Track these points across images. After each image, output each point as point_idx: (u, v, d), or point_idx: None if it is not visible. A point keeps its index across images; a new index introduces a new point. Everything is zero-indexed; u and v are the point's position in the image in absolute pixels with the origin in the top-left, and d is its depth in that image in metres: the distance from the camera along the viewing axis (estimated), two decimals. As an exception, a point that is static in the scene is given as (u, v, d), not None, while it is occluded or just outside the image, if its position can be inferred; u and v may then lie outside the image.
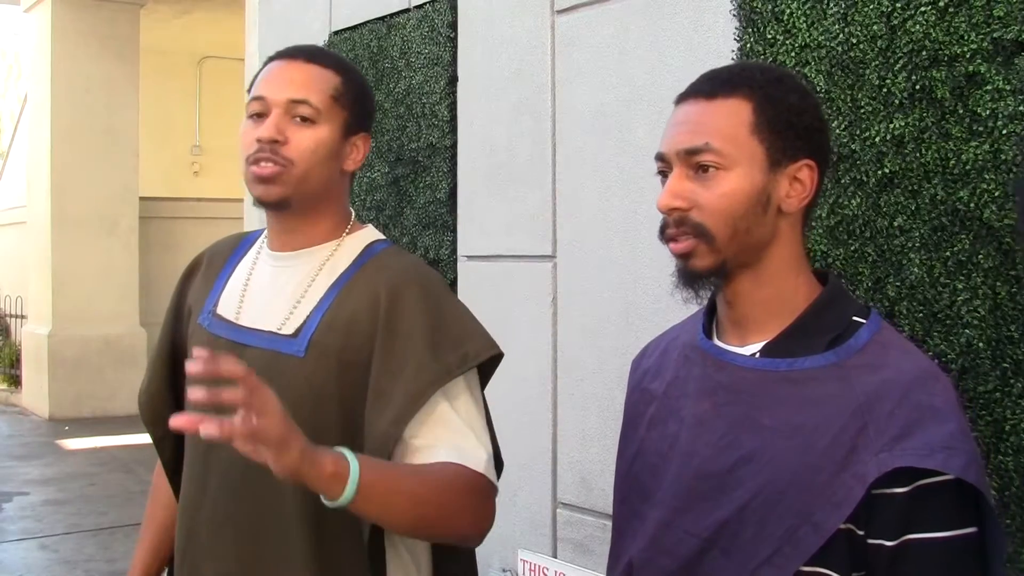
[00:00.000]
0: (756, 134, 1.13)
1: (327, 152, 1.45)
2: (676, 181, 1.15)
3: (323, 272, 1.47)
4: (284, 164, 1.41)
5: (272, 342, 1.44)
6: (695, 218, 1.14)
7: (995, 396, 1.82)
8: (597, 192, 2.74)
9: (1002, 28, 1.81)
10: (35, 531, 5.43)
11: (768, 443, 1.10)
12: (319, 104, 1.43)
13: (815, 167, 1.16)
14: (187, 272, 1.66)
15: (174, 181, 11.89)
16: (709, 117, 1.14)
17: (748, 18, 2.29)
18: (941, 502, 1.04)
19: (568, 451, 2.84)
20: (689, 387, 1.21)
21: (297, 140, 1.42)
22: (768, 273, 1.17)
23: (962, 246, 1.88)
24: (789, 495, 1.07)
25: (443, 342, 1.39)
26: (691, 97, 1.18)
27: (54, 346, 8.80)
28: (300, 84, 1.43)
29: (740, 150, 1.13)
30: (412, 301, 1.41)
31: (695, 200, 1.14)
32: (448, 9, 3.33)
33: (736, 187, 1.13)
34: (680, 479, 1.16)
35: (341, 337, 1.41)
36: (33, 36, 9.27)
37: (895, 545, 1.04)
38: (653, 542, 1.18)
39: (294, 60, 1.47)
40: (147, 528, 1.73)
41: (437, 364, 1.37)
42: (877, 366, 1.09)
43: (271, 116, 1.42)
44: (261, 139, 1.41)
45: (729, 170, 1.13)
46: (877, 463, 1.03)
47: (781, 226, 1.16)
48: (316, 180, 1.44)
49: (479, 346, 1.41)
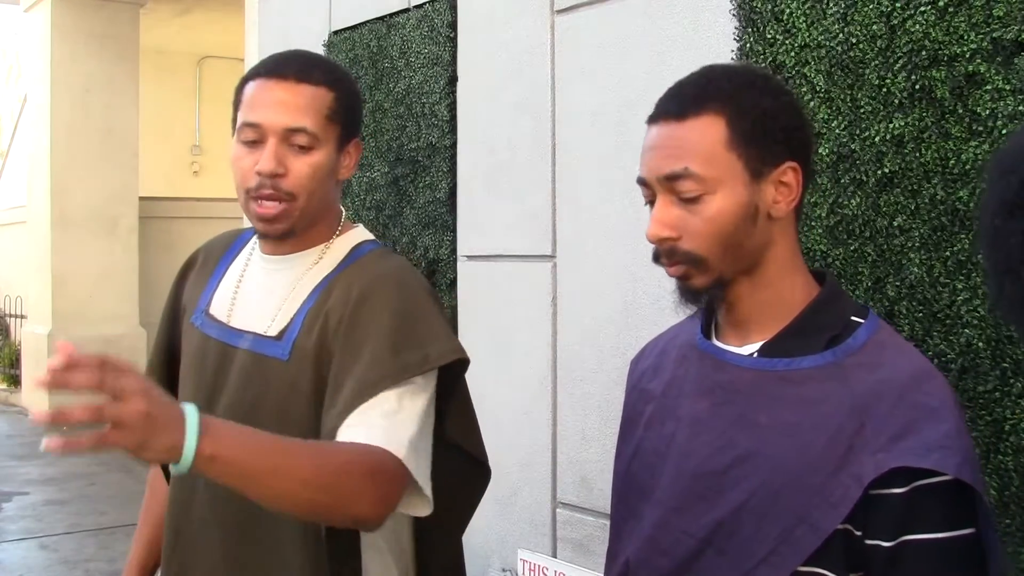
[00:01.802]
0: (733, 149, 1.12)
1: (325, 173, 1.43)
2: (662, 209, 1.14)
3: (309, 274, 1.46)
4: (287, 199, 1.39)
5: (258, 344, 1.44)
6: (684, 247, 1.13)
7: (995, 396, 1.82)
8: (597, 192, 2.74)
9: (1002, 28, 1.81)
10: (35, 531, 5.43)
11: (765, 443, 1.10)
12: (316, 130, 1.40)
13: (799, 167, 1.15)
14: (182, 270, 1.65)
15: (174, 181, 11.89)
16: (683, 140, 1.13)
17: (748, 18, 2.29)
18: (939, 503, 1.03)
19: (568, 451, 2.84)
20: (687, 387, 1.21)
21: (296, 170, 1.39)
22: (765, 276, 1.17)
23: (962, 246, 1.88)
24: (786, 495, 1.07)
25: (405, 341, 1.35)
26: (662, 119, 1.16)
27: (54, 346, 8.77)
28: (296, 110, 1.39)
29: (720, 169, 1.11)
30: (381, 300, 1.38)
31: (683, 227, 1.13)
32: (448, 9, 3.33)
33: (722, 207, 1.12)
34: (677, 479, 1.16)
35: (316, 337, 1.39)
36: (33, 36, 9.27)
37: (893, 546, 1.04)
38: (650, 542, 1.18)
39: (284, 80, 1.41)
40: (143, 524, 1.72)
41: (395, 361, 1.32)
42: (874, 366, 1.09)
43: (269, 146, 1.38)
44: (262, 172, 1.38)
45: (713, 192, 1.12)
46: (875, 463, 1.04)
47: (773, 231, 1.16)
48: (316, 202, 1.43)
49: (443, 349, 1.36)
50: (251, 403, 1.41)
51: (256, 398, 1.41)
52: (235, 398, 1.43)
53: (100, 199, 8.89)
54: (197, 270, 1.62)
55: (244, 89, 1.45)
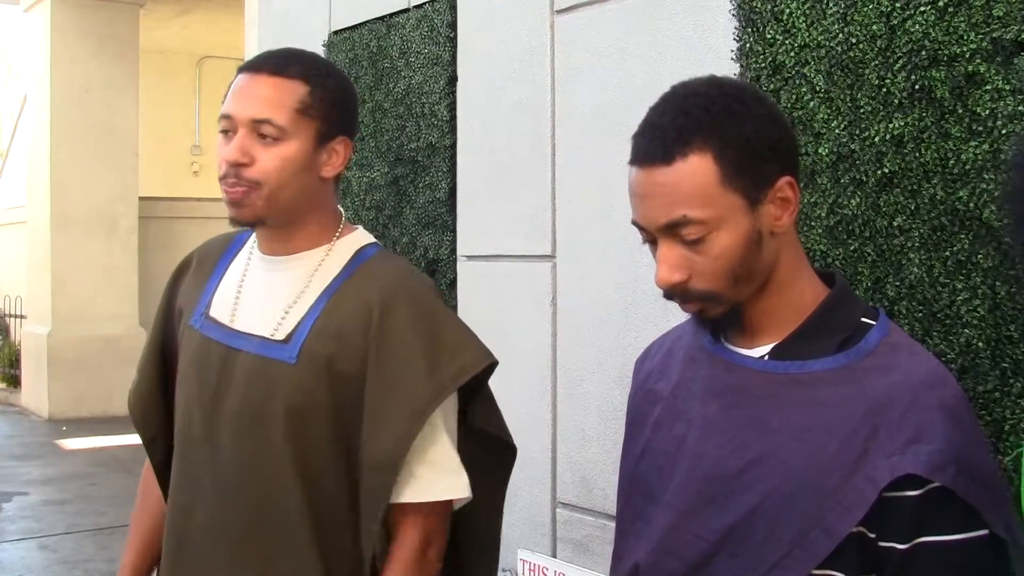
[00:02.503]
0: (728, 185, 1.09)
1: (297, 167, 1.43)
2: (667, 252, 1.12)
3: (315, 278, 1.46)
4: (249, 186, 1.41)
5: (264, 347, 1.43)
6: (697, 288, 1.12)
7: (995, 396, 1.82)
8: (597, 192, 2.74)
9: (1002, 28, 1.81)
10: (35, 531, 5.43)
11: (778, 446, 1.09)
12: (283, 122, 1.41)
13: (793, 178, 1.13)
14: (176, 272, 1.65)
15: (174, 181, 11.88)
16: (675, 186, 1.09)
17: (747, 18, 2.29)
18: (953, 505, 1.03)
19: (568, 451, 2.84)
20: (696, 389, 1.20)
21: (263, 160, 1.41)
22: (773, 285, 1.16)
23: (962, 246, 1.88)
24: (799, 498, 1.06)
25: (439, 357, 1.39)
26: (647, 163, 1.12)
27: (54, 346, 8.80)
28: (263, 102, 1.41)
29: (718, 208, 1.09)
30: (404, 314, 1.41)
31: (691, 267, 1.11)
32: (448, 9, 3.33)
33: (728, 243, 1.10)
34: (688, 482, 1.15)
35: (332, 346, 1.40)
36: (33, 36, 9.27)
37: (907, 548, 1.03)
38: (660, 545, 1.16)
39: (259, 74, 1.44)
40: (135, 529, 1.70)
41: (435, 380, 1.37)
42: (887, 368, 1.09)
43: (236, 137, 1.41)
44: (225, 161, 1.41)
45: (717, 230, 1.09)
46: (889, 467, 1.03)
47: (778, 246, 1.15)
48: (289, 195, 1.43)
49: (474, 358, 1.42)
50: (258, 405, 1.41)
51: (263, 401, 1.41)
52: (241, 400, 1.43)
53: (100, 199, 8.89)
54: (192, 273, 1.61)
55: (231, 84, 1.48)
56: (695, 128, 1.10)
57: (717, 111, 1.11)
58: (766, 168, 1.11)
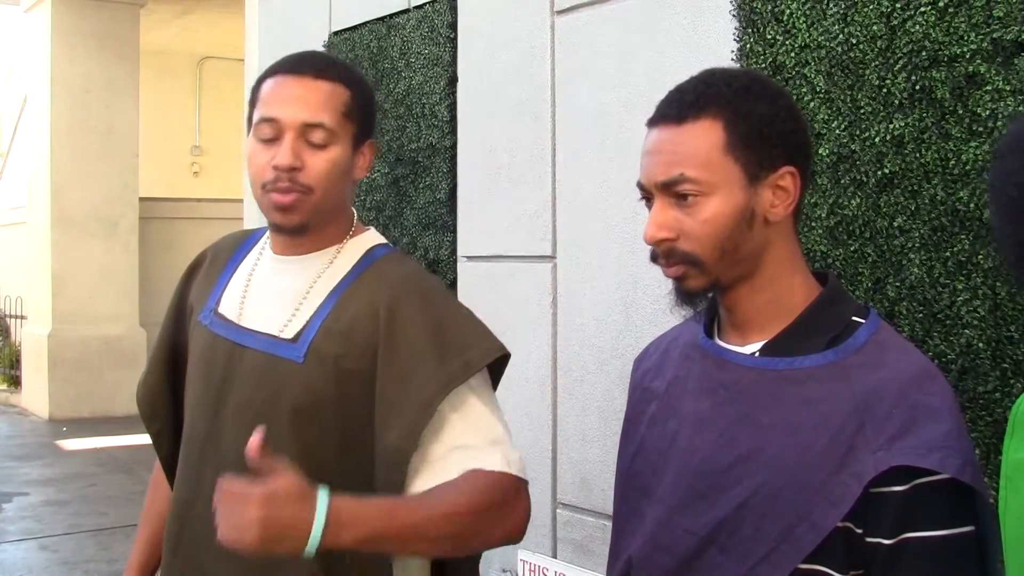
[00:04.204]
0: (730, 154, 1.13)
1: (340, 171, 1.43)
2: (659, 211, 1.15)
3: (324, 277, 1.46)
4: (303, 191, 1.39)
5: (272, 345, 1.44)
6: (682, 248, 1.14)
7: (995, 396, 1.82)
8: (597, 192, 2.74)
9: (1002, 28, 1.81)
10: (35, 531, 5.43)
11: (767, 442, 1.11)
12: (333, 125, 1.40)
13: (797, 171, 1.15)
14: (190, 269, 1.65)
15: (174, 181, 11.89)
16: (681, 144, 1.13)
17: (748, 18, 2.29)
18: (939, 500, 1.04)
19: (568, 451, 2.84)
20: (689, 385, 1.22)
21: (313, 164, 1.39)
22: (764, 279, 1.17)
23: (962, 246, 1.88)
24: (787, 493, 1.07)
25: (446, 351, 1.38)
26: (661, 122, 1.17)
27: (54, 346, 8.80)
28: (313, 105, 1.39)
29: (716, 173, 1.12)
30: (412, 311, 1.40)
31: (680, 228, 1.14)
32: (448, 9, 3.33)
33: (718, 211, 1.13)
34: (679, 477, 1.17)
35: (340, 344, 1.40)
36: (33, 36, 9.27)
37: (893, 543, 1.04)
38: (652, 540, 1.18)
39: (302, 76, 1.41)
40: (145, 523, 1.72)
41: (441, 373, 1.36)
42: (875, 365, 1.10)
43: (286, 141, 1.38)
44: (279, 167, 1.38)
45: (709, 195, 1.12)
46: (875, 461, 1.04)
47: (770, 235, 1.16)
48: (332, 199, 1.43)
49: (482, 351, 1.40)
50: (263, 403, 1.41)
51: (269, 398, 1.41)
52: (245, 397, 1.43)
53: (100, 199, 8.90)
54: (205, 269, 1.61)
55: (261, 87, 1.45)
56: (713, 98, 1.14)
57: (738, 88, 1.15)
58: (773, 152, 1.14)
